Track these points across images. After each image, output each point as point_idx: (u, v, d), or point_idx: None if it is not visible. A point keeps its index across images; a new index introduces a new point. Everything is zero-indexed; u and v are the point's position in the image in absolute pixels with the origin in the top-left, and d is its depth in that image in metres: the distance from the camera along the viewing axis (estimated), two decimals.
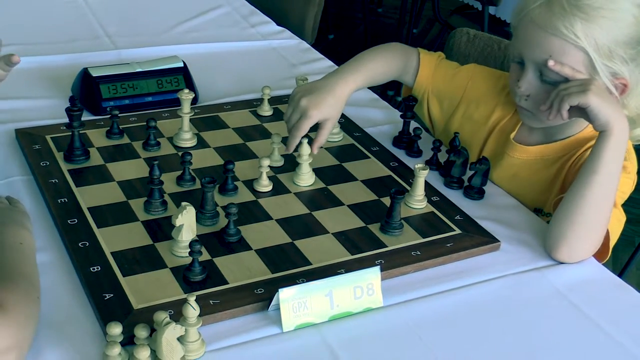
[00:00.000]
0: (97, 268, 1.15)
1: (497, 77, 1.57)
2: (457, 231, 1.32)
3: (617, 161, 1.28)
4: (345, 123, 1.65)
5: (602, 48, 1.29)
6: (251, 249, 1.23)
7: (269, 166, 1.40)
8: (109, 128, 1.52)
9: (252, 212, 1.32)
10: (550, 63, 1.31)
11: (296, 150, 1.42)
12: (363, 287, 1.13)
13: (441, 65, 1.60)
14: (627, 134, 1.28)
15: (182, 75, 1.72)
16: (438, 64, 1.60)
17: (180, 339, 0.99)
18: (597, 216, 1.28)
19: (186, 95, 1.49)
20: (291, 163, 1.45)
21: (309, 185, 1.41)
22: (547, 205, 1.45)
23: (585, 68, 1.31)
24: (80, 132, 1.43)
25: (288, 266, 1.20)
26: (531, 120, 1.43)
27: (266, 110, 1.67)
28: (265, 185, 1.39)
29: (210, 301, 1.10)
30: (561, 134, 1.44)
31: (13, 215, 1.20)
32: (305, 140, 1.40)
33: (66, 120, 1.46)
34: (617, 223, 1.34)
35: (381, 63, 1.55)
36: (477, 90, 1.57)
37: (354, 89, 1.49)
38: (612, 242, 1.32)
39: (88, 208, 1.29)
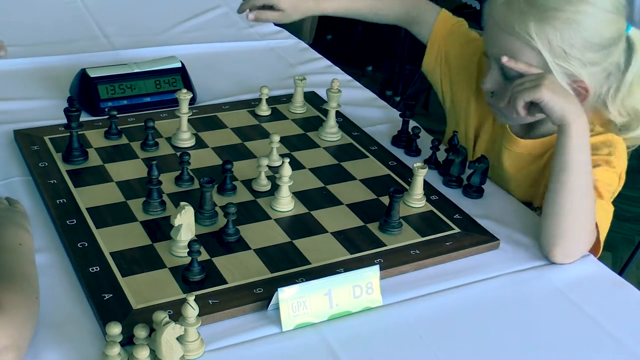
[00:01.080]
0: (96, 268, 1.15)
1: None
2: (456, 230, 1.32)
3: (582, 152, 1.27)
4: (344, 122, 1.65)
5: (555, 49, 1.30)
6: (250, 248, 1.23)
7: (267, 166, 1.40)
8: (107, 128, 1.52)
9: (251, 212, 1.32)
10: (504, 59, 1.32)
11: (276, 171, 1.35)
12: (362, 286, 1.13)
13: (460, 29, 1.63)
14: (586, 124, 1.27)
15: (180, 76, 1.71)
16: (457, 24, 1.63)
17: (180, 339, 0.99)
18: (579, 210, 1.26)
19: (184, 96, 1.49)
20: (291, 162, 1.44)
21: (288, 211, 1.33)
22: (536, 199, 1.45)
23: (541, 68, 1.32)
24: (79, 132, 1.43)
25: (287, 266, 1.19)
26: (500, 117, 1.44)
27: (264, 110, 1.67)
28: (263, 184, 1.39)
29: (210, 301, 1.10)
30: (542, 129, 1.44)
31: (12, 216, 1.20)
32: (287, 160, 1.31)
33: (64, 121, 1.45)
34: (604, 214, 1.33)
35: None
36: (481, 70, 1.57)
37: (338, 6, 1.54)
38: (602, 234, 1.32)
39: (87, 208, 1.29)
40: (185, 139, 1.51)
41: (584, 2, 1.29)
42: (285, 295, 1.08)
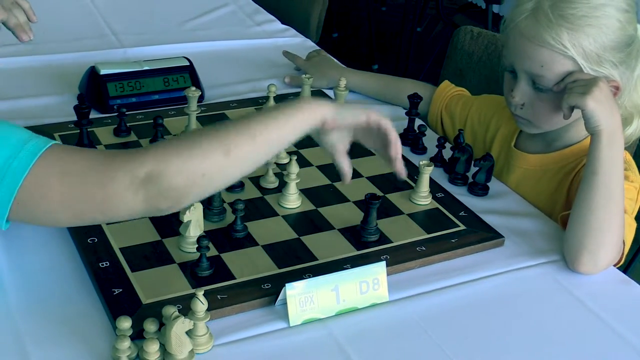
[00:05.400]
0: (106, 264, 1.16)
1: (497, 99, 1.62)
2: (462, 227, 1.33)
3: (614, 161, 1.27)
4: None
5: (590, 55, 1.32)
6: (258, 244, 1.24)
7: (275, 163, 1.41)
8: (116, 126, 1.53)
9: (259, 209, 1.34)
10: (555, 89, 1.34)
11: (284, 168, 1.37)
12: (369, 282, 1.14)
13: (455, 92, 1.70)
14: (620, 136, 1.28)
15: (189, 73, 1.73)
16: (453, 89, 1.70)
17: (189, 333, 1.00)
18: (607, 217, 1.25)
19: (193, 93, 1.50)
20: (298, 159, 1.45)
21: (296, 208, 1.35)
22: (550, 217, 1.45)
23: None
24: (88, 129, 1.45)
25: (294, 261, 1.21)
26: (528, 127, 1.45)
27: None
28: (271, 181, 1.40)
29: (218, 296, 1.11)
30: (560, 141, 1.46)
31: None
32: (294, 158, 1.34)
33: (74, 118, 1.47)
34: (628, 229, 1.32)
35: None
36: (479, 109, 1.63)
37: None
38: (626, 248, 1.31)
39: None
40: None
41: (606, 5, 1.32)
42: (293, 291, 1.10)
